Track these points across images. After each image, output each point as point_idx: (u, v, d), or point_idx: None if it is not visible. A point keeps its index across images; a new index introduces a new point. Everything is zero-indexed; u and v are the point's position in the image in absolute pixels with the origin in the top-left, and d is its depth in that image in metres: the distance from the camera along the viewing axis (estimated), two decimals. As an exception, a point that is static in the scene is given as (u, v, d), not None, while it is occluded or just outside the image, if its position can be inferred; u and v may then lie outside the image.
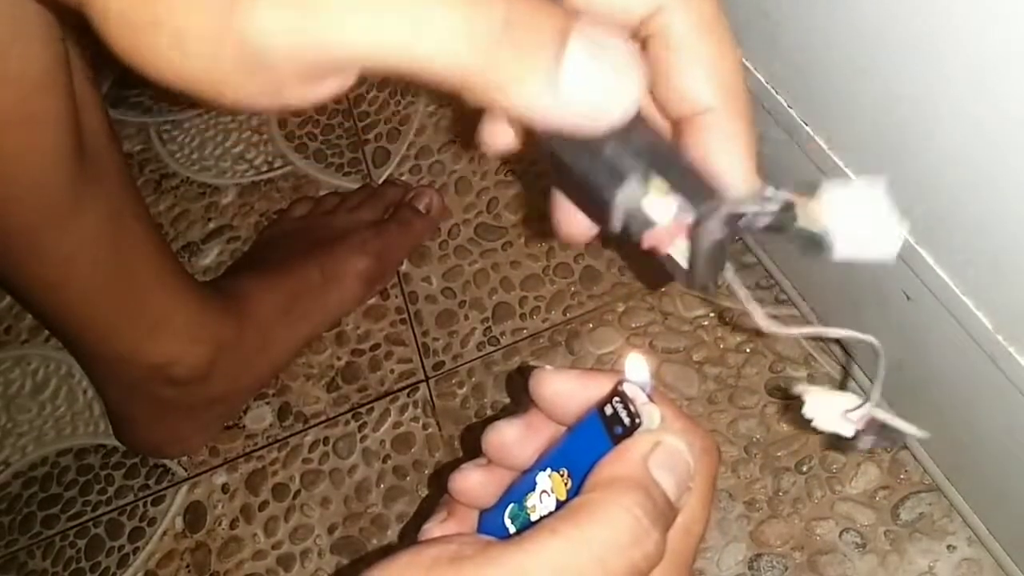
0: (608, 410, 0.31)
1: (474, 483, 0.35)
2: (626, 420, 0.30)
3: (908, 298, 0.52)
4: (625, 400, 0.30)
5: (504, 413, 0.73)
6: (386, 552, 0.28)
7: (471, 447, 0.72)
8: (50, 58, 0.50)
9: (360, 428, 0.76)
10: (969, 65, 0.37)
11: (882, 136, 0.47)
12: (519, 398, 0.73)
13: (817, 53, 0.48)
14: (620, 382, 0.31)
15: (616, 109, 0.23)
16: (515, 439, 0.34)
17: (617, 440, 0.30)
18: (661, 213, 0.26)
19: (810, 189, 0.25)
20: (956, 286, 0.46)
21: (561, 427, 0.34)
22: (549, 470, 0.32)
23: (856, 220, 0.25)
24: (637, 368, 0.31)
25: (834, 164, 0.52)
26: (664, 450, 0.29)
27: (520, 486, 0.33)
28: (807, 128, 0.52)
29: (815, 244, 0.25)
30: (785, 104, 0.54)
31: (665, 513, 0.29)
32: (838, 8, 0.44)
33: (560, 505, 0.31)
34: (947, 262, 0.47)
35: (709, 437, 0.32)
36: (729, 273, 0.27)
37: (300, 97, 0.23)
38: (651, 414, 0.30)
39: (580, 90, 0.22)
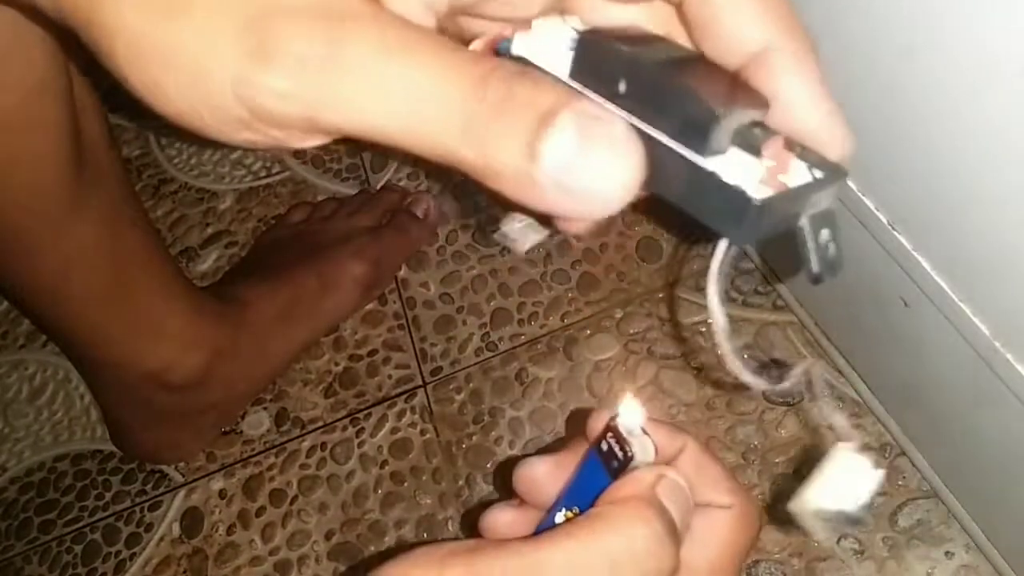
0: (604, 447, 0.32)
1: (504, 523, 0.35)
2: (619, 454, 0.31)
3: (906, 305, 0.52)
4: (617, 436, 0.32)
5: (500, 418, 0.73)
6: (384, 557, 0.28)
7: (502, 484, 0.71)
8: (49, 63, 0.50)
9: (358, 434, 0.75)
10: (970, 73, 0.38)
11: (880, 143, 0.47)
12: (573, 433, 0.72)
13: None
14: (612, 418, 0.32)
15: (609, 193, 0.21)
16: (545, 475, 0.34)
17: (615, 474, 0.31)
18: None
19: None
20: (954, 293, 0.47)
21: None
22: (564, 510, 0.33)
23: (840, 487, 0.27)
24: (629, 409, 0.32)
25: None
26: (667, 482, 0.30)
27: (541, 526, 0.34)
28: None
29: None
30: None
31: (675, 535, 0.29)
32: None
33: None
34: (945, 269, 0.47)
35: (751, 502, 0.34)
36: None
37: (295, 143, 0.23)
38: (644, 446, 0.32)
39: (564, 171, 0.20)
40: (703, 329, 0.74)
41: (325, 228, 0.82)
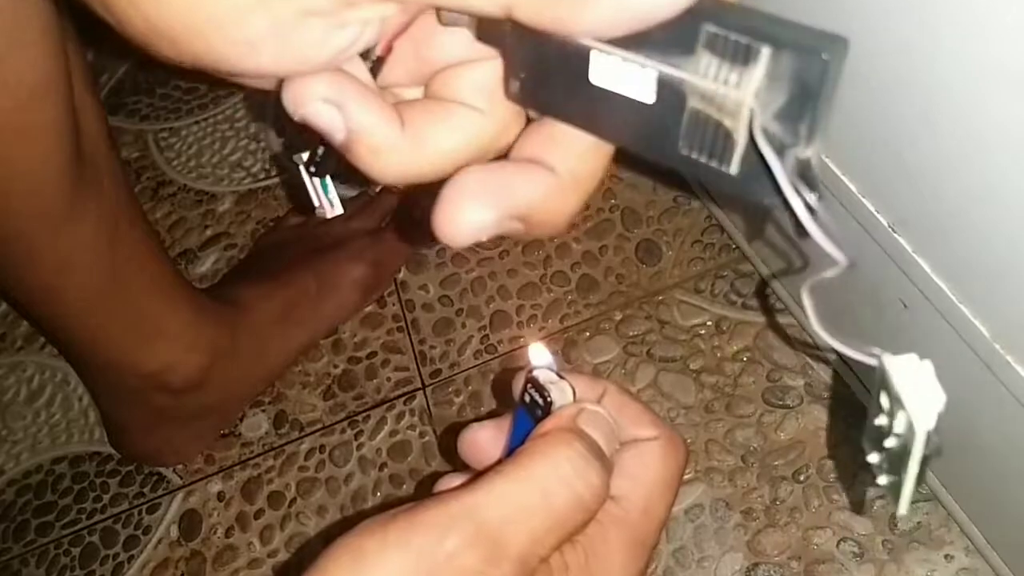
0: (527, 398, 0.34)
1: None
2: (540, 401, 0.33)
3: (905, 307, 0.52)
4: (537, 385, 0.34)
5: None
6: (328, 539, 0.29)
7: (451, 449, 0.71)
8: (49, 65, 0.50)
9: (356, 436, 0.75)
10: (972, 75, 0.38)
11: (880, 145, 0.47)
12: (504, 399, 0.73)
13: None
14: (529, 370, 0.34)
15: None
16: (486, 440, 0.36)
17: (539, 420, 0.33)
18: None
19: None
20: (953, 295, 0.46)
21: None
22: None
23: None
24: (538, 354, 0.35)
25: (834, 175, 0.52)
26: (587, 413, 0.33)
27: None
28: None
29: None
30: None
31: (601, 456, 0.31)
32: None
33: None
34: (945, 271, 0.47)
35: (674, 432, 0.36)
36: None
37: (317, 45, 0.22)
38: (563, 390, 0.34)
39: None
40: (702, 332, 0.74)
41: (324, 231, 0.82)
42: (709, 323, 0.74)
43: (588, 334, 0.76)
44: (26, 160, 0.52)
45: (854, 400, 0.68)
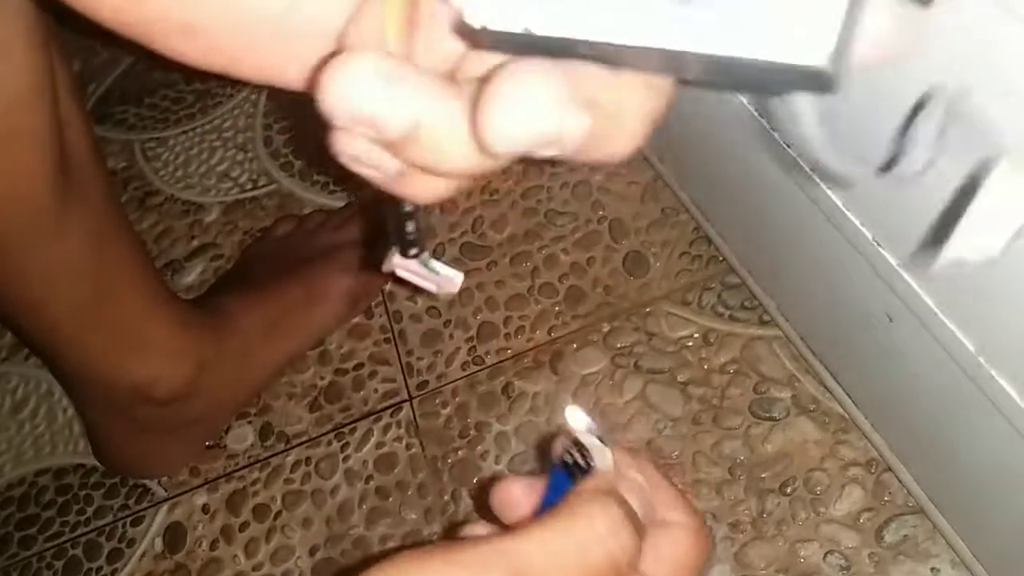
0: (567, 459, 0.35)
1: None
2: (582, 463, 0.34)
3: (891, 320, 0.52)
4: (579, 447, 0.35)
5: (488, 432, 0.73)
6: (367, 563, 0.29)
7: (481, 506, 0.71)
8: (34, 74, 0.50)
9: (343, 448, 0.75)
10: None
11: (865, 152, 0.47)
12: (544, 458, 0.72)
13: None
14: (571, 432, 0.35)
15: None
16: (520, 494, 0.36)
17: (578, 481, 0.34)
18: None
19: None
20: (938, 309, 0.47)
21: None
22: None
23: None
24: (577, 417, 0.35)
25: (820, 189, 0.52)
26: (628, 480, 0.34)
27: None
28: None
29: None
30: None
31: (637, 522, 0.32)
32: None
33: None
34: (930, 285, 0.47)
35: (704, 523, 0.37)
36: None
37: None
38: (604, 455, 0.34)
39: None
40: (690, 344, 0.74)
41: (311, 241, 0.82)
42: (696, 335, 0.74)
43: (575, 346, 0.76)
44: (10, 171, 0.52)
45: (841, 412, 0.68)
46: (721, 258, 0.77)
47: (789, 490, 0.66)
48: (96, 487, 0.77)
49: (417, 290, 0.81)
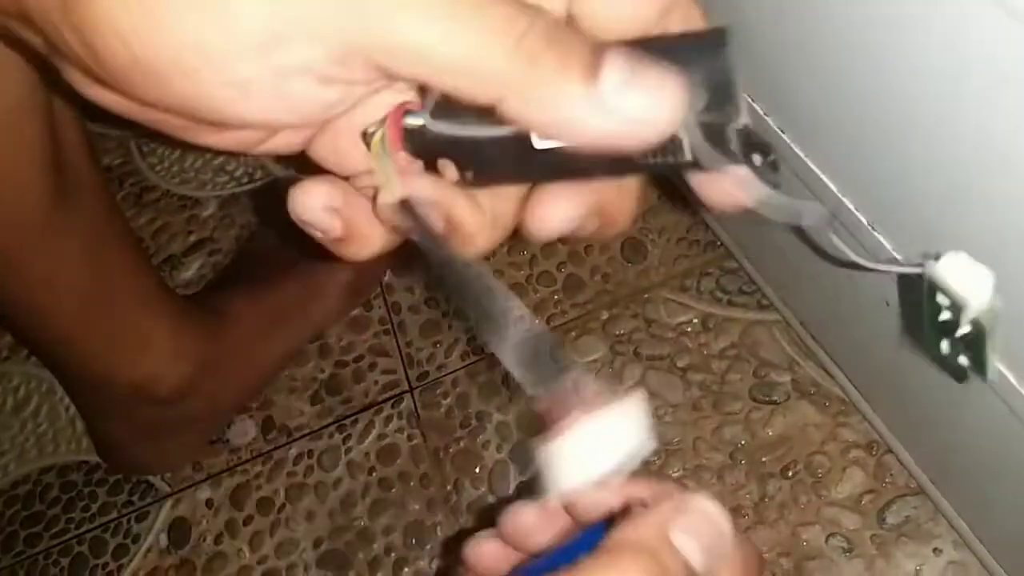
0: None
1: (489, 554, 0.34)
2: None
3: (887, 305, 0.52)
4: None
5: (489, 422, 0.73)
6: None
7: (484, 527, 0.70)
8: (27, 79, 0.49)
9: (345, 440, 0.75)
10: (947, 75, 0.37)
11: (858, 144, 0.47)
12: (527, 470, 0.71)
13: (787, 56, 0.48)
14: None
15: (662, 116, 0.22)
16: (533, 524, 0.33)
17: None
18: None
19: None
20: (935, 292, 0.46)
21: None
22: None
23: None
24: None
25: (806, 166, 0.52)
26: (689, 515, 0.27)
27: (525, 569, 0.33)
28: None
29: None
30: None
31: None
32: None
33: None
34: (926, 269, 0.47)
35: (754, 548, 0.31)
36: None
37: (311, 97, 0.23)
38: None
39: (623, 98, 0.21)
40: (689, 330, 0.74)
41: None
42: (695, 321, 0.74)
43: (575, 334, 0.76)
44: (5, 175, 0.52)
45: (841, 395, 0.68)
46: (719, 243, 0.77)
47: (790, 474, 0.67)
48: (100, 484, 0.78)
49: (415, 281, 0.81)
